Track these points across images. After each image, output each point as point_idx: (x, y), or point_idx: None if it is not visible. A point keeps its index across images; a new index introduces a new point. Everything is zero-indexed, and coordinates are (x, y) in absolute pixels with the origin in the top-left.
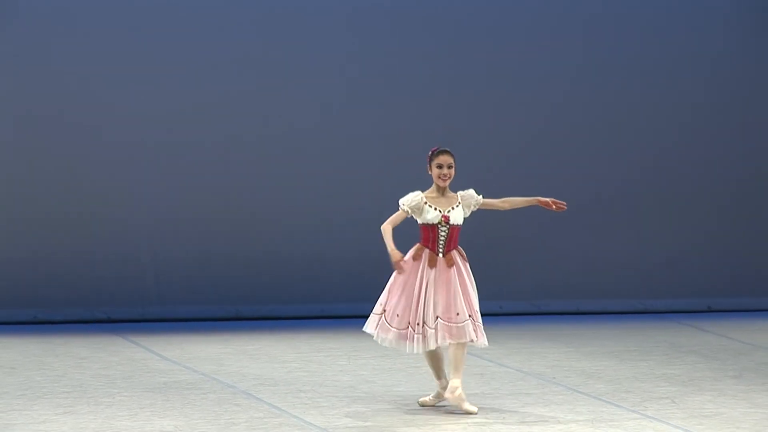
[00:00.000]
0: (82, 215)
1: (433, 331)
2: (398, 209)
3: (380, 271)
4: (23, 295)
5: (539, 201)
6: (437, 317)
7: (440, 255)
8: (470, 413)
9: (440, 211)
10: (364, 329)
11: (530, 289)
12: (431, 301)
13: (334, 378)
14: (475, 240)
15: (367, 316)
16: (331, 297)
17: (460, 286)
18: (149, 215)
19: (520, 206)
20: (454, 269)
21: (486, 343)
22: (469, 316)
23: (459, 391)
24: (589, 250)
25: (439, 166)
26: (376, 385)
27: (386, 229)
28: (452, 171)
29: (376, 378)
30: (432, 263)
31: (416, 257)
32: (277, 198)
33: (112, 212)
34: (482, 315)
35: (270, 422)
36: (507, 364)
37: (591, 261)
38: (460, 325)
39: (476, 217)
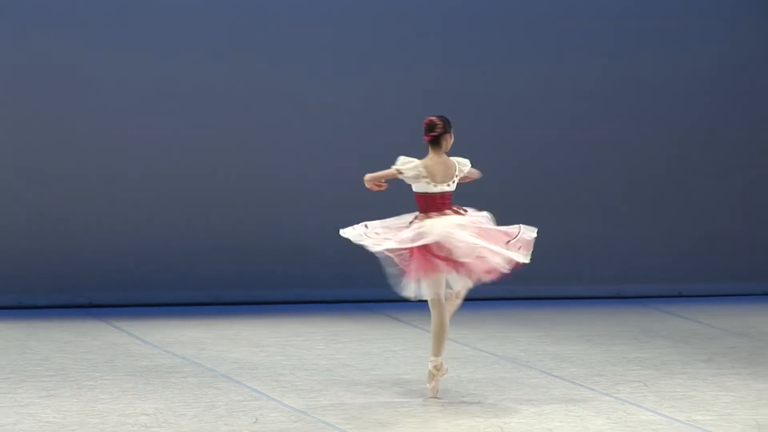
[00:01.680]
0: (65, 202)
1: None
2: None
3: (359, 257)
4: (7, 280)
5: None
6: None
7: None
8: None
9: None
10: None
11: (503, 274)
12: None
13: (313, 362)
14: None
15: (344, 302)
16: (310, 282)
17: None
18: (131, 201)
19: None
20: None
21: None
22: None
23: (428, 368)
24: (561, 235)
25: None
26: (354, 368)
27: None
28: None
29: (353, 362)
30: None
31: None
32: (257, 185)
33: (95, 199)
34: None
35: (249, 405)
36: (481, 348)
37: (563, 246)
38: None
39: None
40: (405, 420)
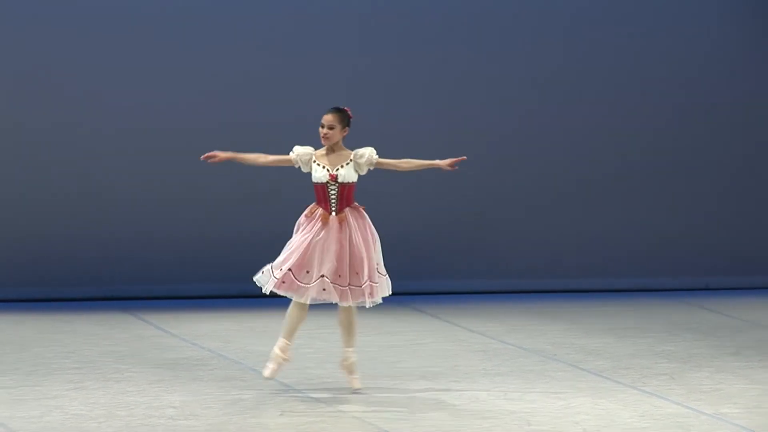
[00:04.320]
0: (93, 194)
1: (314, 285)
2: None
3: (389, 249)
4: (35, 273)
5: (437, 164)
6: (322, 276)
7: (333, 214)
8: (353, 387)
9: (328, 170)
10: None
11: (529, 267)
12: (319, 259)
13: (340, 354)
14: (471, 218)
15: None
16: None
17: (350, 248)
18: (160, 195)
19: (418, 168)
20: (346, 229)
21: (378, 300)
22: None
23: (350, 361)
24: (587, 228)
25: (321, 126)
26: (380, 361)
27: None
28: (332, 132)
29: (379, 355)
30: (325, 222)
31: (309, 216)
32: (287, 177)
33: (123, 192)
34: (482, 293)
35: (276, 398)
36: (508, 341)
37: (590, 240)
38: (343, 288)
39: (471, 196)
40: (432, 413)
